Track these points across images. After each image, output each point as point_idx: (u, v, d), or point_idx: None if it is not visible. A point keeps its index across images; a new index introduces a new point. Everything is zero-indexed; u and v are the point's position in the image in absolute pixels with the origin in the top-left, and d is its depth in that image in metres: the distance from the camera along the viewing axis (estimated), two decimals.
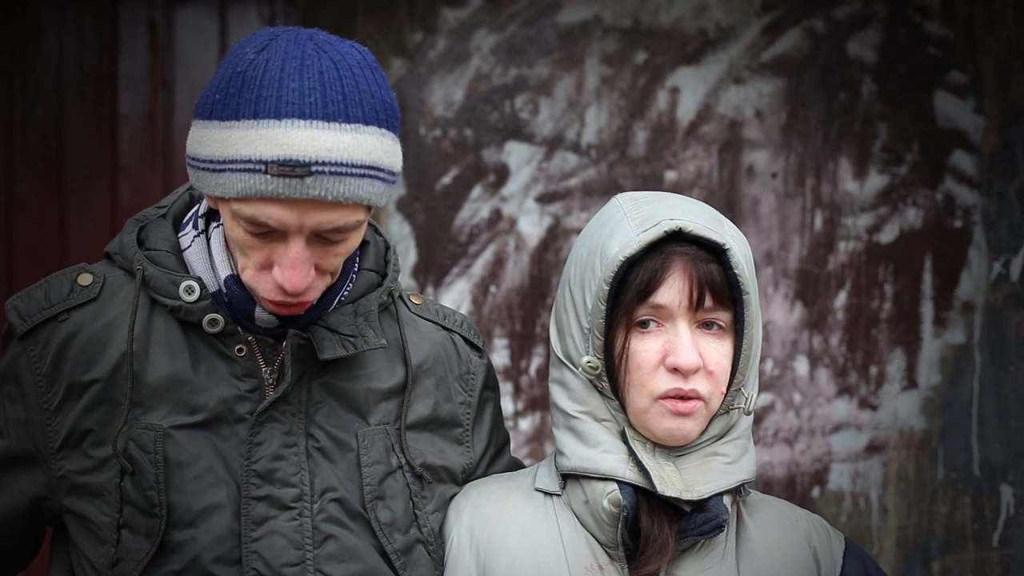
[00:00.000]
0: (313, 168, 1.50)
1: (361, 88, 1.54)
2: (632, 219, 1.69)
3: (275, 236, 1.56)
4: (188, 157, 1.62)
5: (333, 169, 1.51)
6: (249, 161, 1.51)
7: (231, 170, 1.53)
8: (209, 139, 1.56)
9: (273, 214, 1.53)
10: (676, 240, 1.67)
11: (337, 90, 1.52)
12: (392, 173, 1.60)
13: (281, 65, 1.52)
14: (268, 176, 1.50)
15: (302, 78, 1.52)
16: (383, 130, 1.56)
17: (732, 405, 1.73)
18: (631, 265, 1.67)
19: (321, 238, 1.57)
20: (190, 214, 1.74)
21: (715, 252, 1.68)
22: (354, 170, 1.53)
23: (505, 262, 3.53)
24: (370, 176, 1.55)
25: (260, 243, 1.57)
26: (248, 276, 1.61)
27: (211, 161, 1.55)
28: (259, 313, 1.66)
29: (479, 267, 3.53)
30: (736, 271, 1.68)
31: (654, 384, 1.67)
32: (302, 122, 1.50)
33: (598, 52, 3.53)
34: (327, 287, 1.67)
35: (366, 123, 1.54)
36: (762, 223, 3.58)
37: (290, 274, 1.56)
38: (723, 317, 1.69)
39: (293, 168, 1.49)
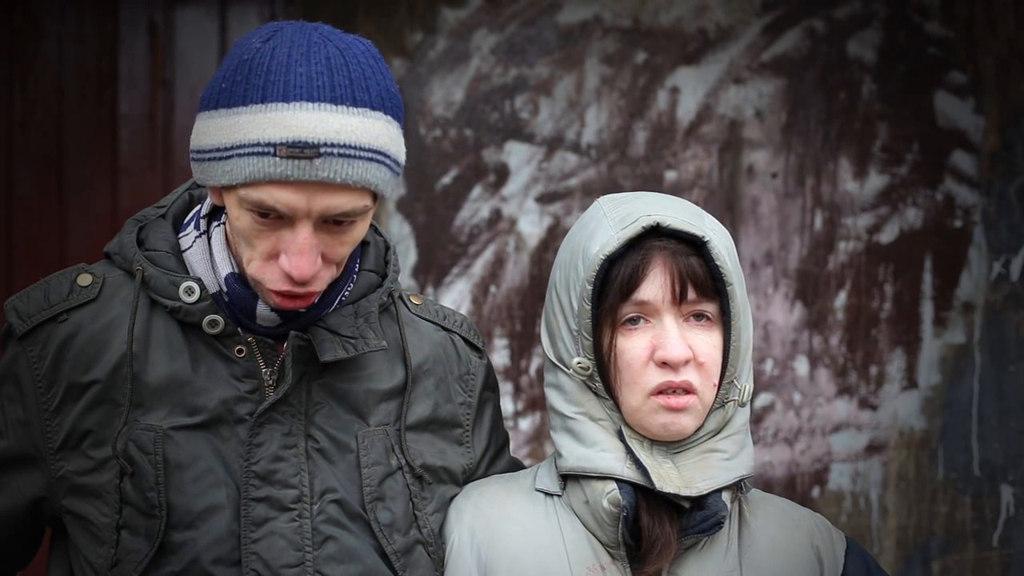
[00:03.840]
0: (322, 150, 1.50)
1: (367, 75, 1.55)
2: (611, 218, 1.71)
3: (282, 223, 1.56)
4: (192, 152, 1.61)
5: (342, 151, 1.51)
6: (257, 144, 1.51)
7: (239, 155, 1.52)
8: (215, 128, 1.55)
9: (281, 198, 1.52)
10: (655, 236, 1.68)
11: (344, 75, 1.53)
12: (397, 163, 1.60)
13: (288, 51, 1.53)
14: (277, 159, 1.50)
15: (309, 63, 1.52)
16: (389, 117, 1.57)
17: (727, 398, 1.73)
18: (612, 263, 1.68)
19: (328, 225, 1.57)
20: (191, 215, 1.74)
21: (695, 245, 1.69)
22: (362, 153, 1.53)
23: (505, 262, 3.53)
24: (377, 161, 1.55)
25: (267, 231, 1.56)
26: (254, 268, 1.60)
27: (217, 149, 1.55)
28: (261, 310, 1.65)
29: (479, 267, 3.53)
30: (718, 263, 1.68)
31: (645, 380, 1.67)
32: (310, 104, 1.51)
33: (598, 52, 3.53)
34: (329, 284, 1.67)
35: (372, 108, 1.54)
36: (762, 223, 3.58)
37: (297, 260, 1.55)
38: (709, 308, 1.70)
39: (302, 150, 1.49)
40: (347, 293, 1.72)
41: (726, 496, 1.71)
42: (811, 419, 3.59)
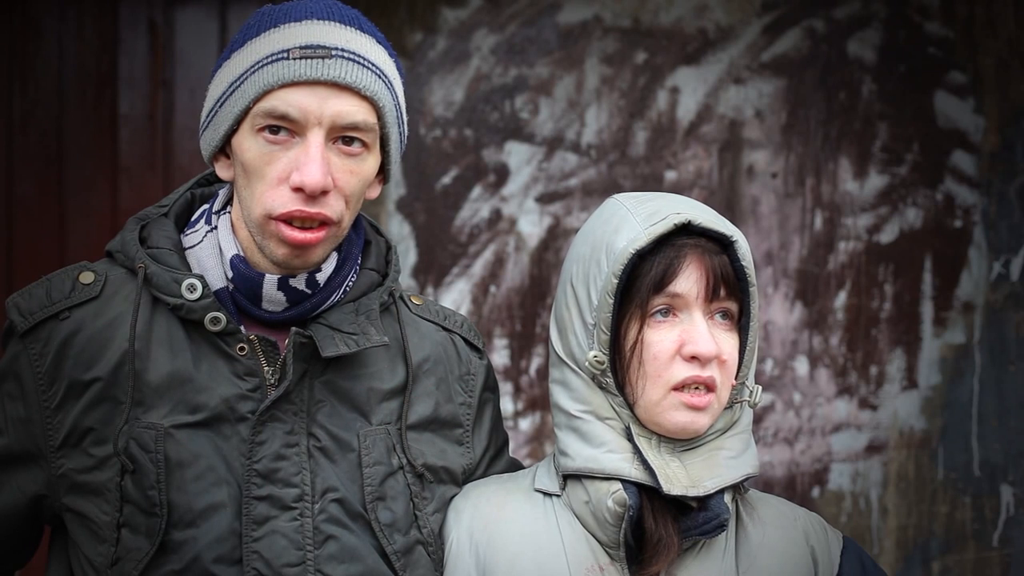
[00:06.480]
0: (333, 52, 1.60)
1: (371, 24, 1.68)
2: (637, 215, 1.71)
3: (293, 142, 1.60)
4: (203, 114, 1.68)
5: (351, 56, 1.61)
6: (271, 55, 1.60)
7: (252, 72, 1.61)
8: (229, 69, 1.64)
9: (294, 100, 1.59)
10: (683, 234, 1.69)
11: (350, 12, 1.66)
12: (400, 102, 1.69)
13: (296, 2, 1.67)
14: (291, 61, 1.59)
15: (318, 2, 1.65)
16: (392, 61, 1.68)
17: (736, 399, 1.74)
18: (639, 259, 1.68)
19: (337, 147, 1.62)
20: (201, 211, 1.74)
21: (721, 245, 1.70)
22: (369, 65, 1.62)
23: (505, 262, 3.53)
24: (383, 81, 1.64)
25: (279, 152, 1.61)
26: (266, 200, 1.61)
27: (231, 83, 1.63)
28: (267, 290, 1.65)
29: (479, 267, 3.53)
30: (743, 263, 1.70)
31: (671, 374, 1.68)
32: (320, 21, 1.62)
33: (598, 52, 3.53)
34: (332, 273, 1.68)
35: (377, 41, 1.66)
36: (762, 223, 3.58)
37: (308, 168, 1.59)
38: (734, 308, 1.72)
39: (315, 50, 1.60)
40: (349, 286, 1.72)
41: (727, 498, 1.71)
42: (811, 419, 3.59)
